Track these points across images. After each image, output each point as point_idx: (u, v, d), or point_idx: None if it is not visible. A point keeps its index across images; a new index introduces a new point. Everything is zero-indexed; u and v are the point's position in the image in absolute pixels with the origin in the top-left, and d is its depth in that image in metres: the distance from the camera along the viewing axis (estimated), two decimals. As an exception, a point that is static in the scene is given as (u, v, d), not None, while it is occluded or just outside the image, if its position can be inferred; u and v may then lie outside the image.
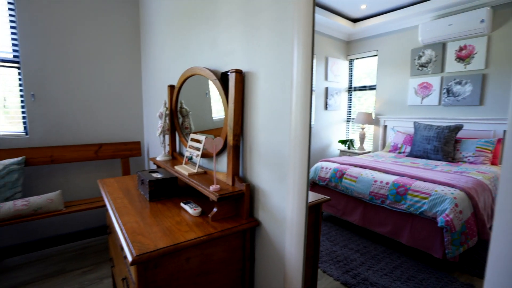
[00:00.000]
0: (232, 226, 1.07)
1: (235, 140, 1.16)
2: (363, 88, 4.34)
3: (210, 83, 1.59)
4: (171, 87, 1.81)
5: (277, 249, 1.07)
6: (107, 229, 1.72)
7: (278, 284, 1.09)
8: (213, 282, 1.08)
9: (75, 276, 2.00)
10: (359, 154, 3.72)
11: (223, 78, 1.28)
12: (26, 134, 2.25)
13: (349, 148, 4.13)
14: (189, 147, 1.52)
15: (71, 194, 2.44)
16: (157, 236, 0.97)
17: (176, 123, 1.78)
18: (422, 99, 3.27)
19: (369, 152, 3.83)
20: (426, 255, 2.08)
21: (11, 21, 2.17)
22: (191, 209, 1.17)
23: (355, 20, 3.97)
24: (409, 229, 2.06)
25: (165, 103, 1.78)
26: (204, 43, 1.49)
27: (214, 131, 1.50)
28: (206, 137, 1.30)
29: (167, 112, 1.73)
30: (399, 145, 3.33)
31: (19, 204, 1.85)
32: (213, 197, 1.07)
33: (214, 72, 1.31)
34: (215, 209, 1.12)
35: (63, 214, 2.01)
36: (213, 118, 1.76)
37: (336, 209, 2.63)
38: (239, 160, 1.20)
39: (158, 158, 1.78)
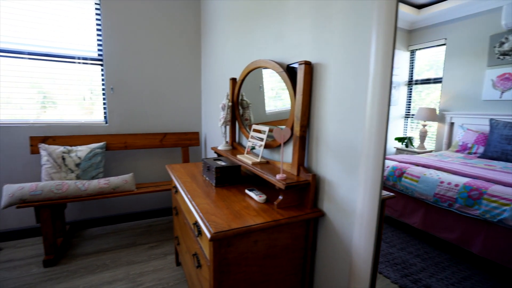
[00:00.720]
0: (298, 215, 1.10)
1: (302, 131, 1.17)
2: (425, 82, 3.98)
3: (265, 77, 1.63)
4: (233, 80, 1.89)
5: (342, 241, 1.07)
6: (173, 210, 1.89)
7: (341, 275, 1.09)
8: (276, 267, 1.13)
9: (143, 250, 2.25)
10: (418, 153, 3.44)
11: (288, 70, 1.30)
12: (106, 122, 2.57)
13: (407, 146, 3.84)
14: (251, 138, 1.58)
15: (140, 177, 2.72)
16: (229, 218, 1.04)
17: (237, 114, 1.86)
18: (502, 92, 2.88)
19: (430, 151, 3.52)
20: (504, 269, 1.86)
21: (97, 24, 2.48)
22: (256, 196, 1.23)
23: (420, 6, 3.64)
24: (483, 237, 1.86)
25: (227, 95, 1.87)
26: (269, 36, 1.52)
27: (267, 124, 1.54)
28: (276, 128, 1.33)
29: (230, 104, 1.82)
30: (469, 145, 2.99)
31: (102, 182, 2.13)
32: (280, 185, 1.11)
33: (280, 64, 1.34)
34: (280, 197, 1.16)
35: (134, 194, 2.26)
36: (266, 112, 1.81)
37: (393, 209, 2.49)
38: (305, 150, 1.21)
39: (219, 148, 1.89)
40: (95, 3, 2.44)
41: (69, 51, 2.40)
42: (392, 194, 1.29)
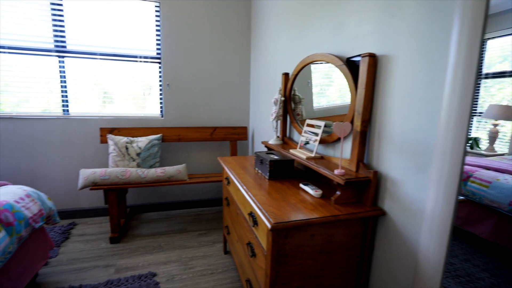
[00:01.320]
0: (357, 211, 1.06)
1: (363, 126, 1.13)
2: (498, 75, 3.52)
3: (315, 72, 1.59)
4: (286, 75, 1.89)
5: (406, 243, 1.01)
6: (224, 200, 1.96)
7: (403, 279, 1.03)
8: (331, 262, 1.11)
9: (193, 236, 2.38)
10: (487, 156, 3.08)
11: (348, 64, 1.26)
12: (162, 116, 2.76)
13: (472, 147, 3.46)
14: (304, 133, 1.57)
15: (191, 168, 2.88)
16: (286, 210, 1.05)
17: (289, 109, 1.86)
18: None
19: (502, 154, 3.12)
20: None
21: (157, 25, 2.67)
22: (312, 190, 1.22)
23: (494, -9, 3.21)
24: None
25: (280, 90, 1.87)
26: (326, 29, 1.49)
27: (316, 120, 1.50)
28: (336, 122, 1.31)
29: (282, 98, 1.82)
30: (554, 148, 2.58)
31: (159, 171, 2.30)
32: (339, 181, 1.08)
33: (339, 57, 1.30)
34: (338, 193, 1.13)
35: (186, 183, 2.40)
36: (314, 107, 1.77)
37: (456, 216, 2.27)
38: (365, 146, 1.17)
39: (270, 142, 1.91)
40: (155, 6, 2.63)
41: (132, 51, 2.63)
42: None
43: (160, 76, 2.73)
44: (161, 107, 2.78)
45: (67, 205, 2.63)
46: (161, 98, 2.76)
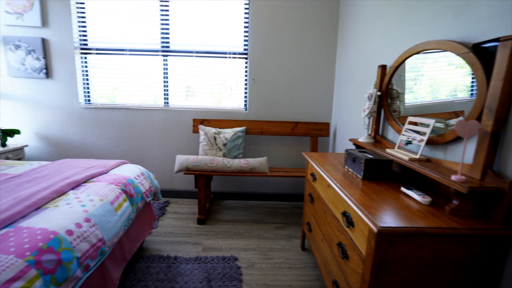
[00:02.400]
0: (483, 227, 0.90)
1: (495, 125, 0.94)
2: None
3: (415, 63, 1.38)
4: (383, 68, 1.72)
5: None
6: (307, 197, 1.94)
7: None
8: (440, 282, 0.96)
9: (270, 228, 2.44)
10: None
11: (475, 51, 1.06)
12: (246, 109, 2.90)
13: None
14: (405, 131, 1.41)
15: (270, 161, 2.95)
16: (390, 214, 0.96)
17: (385, 105, 1.70)
18: None
19: None
20: None
21: (245, 22, 2.79)
22: (418, 196, 1.08)
23: None
24: None
25: (375, 84, 1.73)
26: (443, 11, 1.28)
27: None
28: (459, 120, 1.14)
29: (378, 93, 1.68)
30: None
31: (242, 162, 2.42)
32: (460, 189, 0.93)
33: (463, 44, 1.11)
34: (455, 202, 0.98)
35: (266, 176, 2.46)
36: (405, 104, 1.56)
37: None
38: (496, 150, 0.97)
39: (360, 140, 1.79)
40: (245, 3, 2.74)
41: (222, 48, 2.82)
42: None
43: (246, 71, 2.86)
44: (245, 101, 2.91)
45: (163, 185, 3.03)
46: (245, 92, 2.89)
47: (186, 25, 2.79)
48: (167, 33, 2.80)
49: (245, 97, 2.91)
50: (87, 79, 2.96)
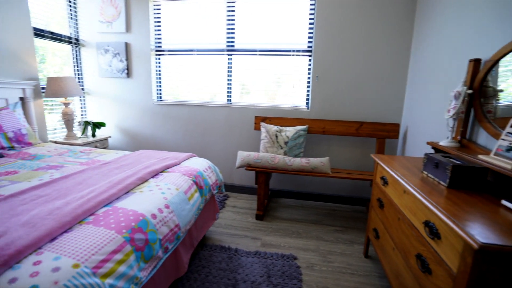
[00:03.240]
0: None
1: None
2: None
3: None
4: (475, 62, 1.51)
5: None
6: (376, 201, 1.82)
7: None
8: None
9: (329, 231, 2.36)
10: None
11: None
12: (307, 108, 2.84)
13: None
14: (506, 135, 1.21)
15: (332, 162, 2.85)
16: (491, 230, 0.83)
17: (477, 105, 1.49)
18: None
19: None
20: None
21: (310, 19, 2.73)
22: (528, 212, 0.92)
23: None
24: None
25: (464, 81, 1.52)
26: None
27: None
28: None
29: (469, 91, 1.47)
30: None
31: (304, 161, 2.39)
32: None
33: None
34: None
35: (327, 177, 2.38)
36: (500, 104, 1.32)
37: None
38: None
39: (442, 143, 1.60)
40: (310, 4, 2.68)
41: (286, 46, 2.81)
42: None
43: (309, 69, 2.80)
44: (307, 99, 2.86)
45: (223, 179, 3.17)
46: (307, 91, 2.84)
47: (251, 24, 2.85)
48: (233, 33, 2.91)
49: (307, 95, 2.85)
50: (160, 78, 3.25)
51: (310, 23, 2.73)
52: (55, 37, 3.03)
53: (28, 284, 0.75)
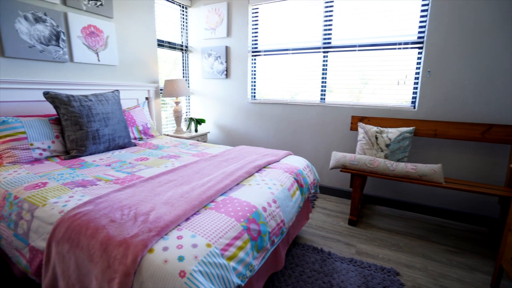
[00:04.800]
0: None
1: None
2: None
3: None
4: None
5: None
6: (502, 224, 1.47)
7: None
8: None
9: (439, 250, 2.03)
10: None
11: None
12: (414, 107, 2.52)
13: None
14: None
15: (445, 170, 2.45)
16: None
17: None
18: None
19: None
20: None
21: (423, 5, 2.39)
22: None
23: None
24: None
25: None
26: None
27: None
28: None
29: None
30: None
31: (409, 167, 2.12)
32: None
33: None
34: None
35: (438, 187, 2.05)
36: None
37: None
38: None
39: None
40: (427, -17, 2.34)
41: (390, 39, 2.54)
42: None
43: (418, 63, 2.48)
44: (413, 98, 2.54)
45: (311, 179, 3.12)
46: (415, 88, 2.51)
47: (349, 18, 2.70)
48: (330, 29, 2.81)
49: (414, 93, 2.53)
50: (254, 78, 3.42)
51: (423, 10, 2.39)
52: (171, 45, 3.53)
53: (177, 254, 0.88)
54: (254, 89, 3.45)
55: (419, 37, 2.45)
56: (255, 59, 3.38)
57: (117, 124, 2.27)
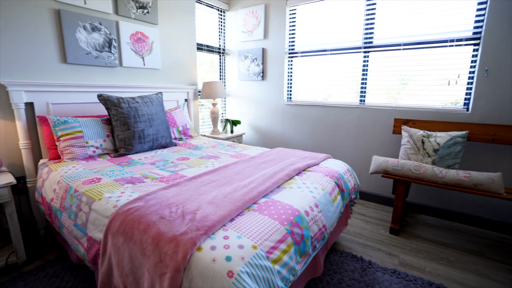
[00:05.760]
0: None
1: None
2: None
3: None
4: None
5: None
6: None
7: None
8: None
9: (498, 268, 1.84)
10: None
11: None
12: (467, 109, 2.31)
13: None
14: None
15: (506, 180, 2.21)
16: None
17: None
18: None
19: None
20: None
21: (479, -3, 2.19)
22: None
23: None
24: None
25: None
26: None
27: None
28: None
29: None
30: None
31: (461, 175, 1.95)
32: None
33: None
34: None
35: (499, 198, 1.86)
36: None
37: None
38: None
39: None
40: (485, -26, 2.14)
41: (440, 36, 2.36)
42: None
43: (473, 61, 2.27)
44: (466, 99, 2.33)
45: (349, 183, 3.00)
46: (468, 88, 2.31)
47: (393, 15, 2.56)
48: (371, 28, 2.69)
49: (468, 94, 2.32)
50: (291, 79, 3.39)
51: (480, 3, 2.19)
52: (209, 49, 3.64)
53: (224, 254, 0.90)
54: (290, 90, 3.42)
55: (474, 33, 2.24)
56: (291, 61, 3.36)
57: (160, 125, 2.39)
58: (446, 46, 2.35)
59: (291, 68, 3.37)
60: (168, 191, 1.34)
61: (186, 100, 3.23)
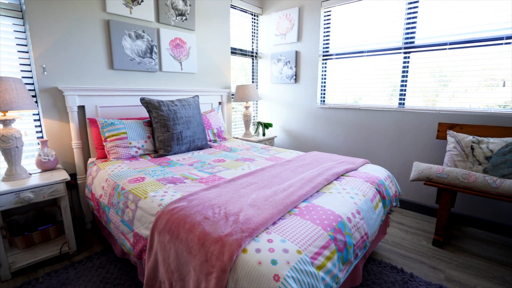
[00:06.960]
0: None
1: None
2: None
3: None
4: None
5: None
6: None
7: None
8: None
9: (562, 290, 1.64)
10: None
11: None
12: (524, 114, 2.11)
13: None
14: None
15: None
16: None
17: None
18: None
19: None
20: None
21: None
22: None
23: None
24: None
25: None
26: None
27: None
28: None
29: None
30: None
31: (519, 185, 1.78)
32: None
33: None
34: None
35: None
36: None
37: None
38: None
39: None
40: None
41: (493, 33, 2.18)
42: None
43: (531, 62, 2.07)
44: (522, 103, 2.13)
45: (385, 190, 2.87)
46: (525, 91, 2.11)
47: (438, 13, 2.41)
48: (413, 27, 2.56)
49: (524, 96, 2.12)
50: (324, 82, 3.33)
51: (541, -1, 1.99)
52: (243, 52, 3.70)
53: (269, 258, 0.90)
54: (324, 93, 3.36)
55: (533, 30, 2.04)
56: (325, 63, 3.30)
57: (197, 127, 2.46)
58: (501, 44, 2.17)
59: (325, 71, 3.31)
60: (209, 192, 1.38)
61: (219, 103, 3.31)
